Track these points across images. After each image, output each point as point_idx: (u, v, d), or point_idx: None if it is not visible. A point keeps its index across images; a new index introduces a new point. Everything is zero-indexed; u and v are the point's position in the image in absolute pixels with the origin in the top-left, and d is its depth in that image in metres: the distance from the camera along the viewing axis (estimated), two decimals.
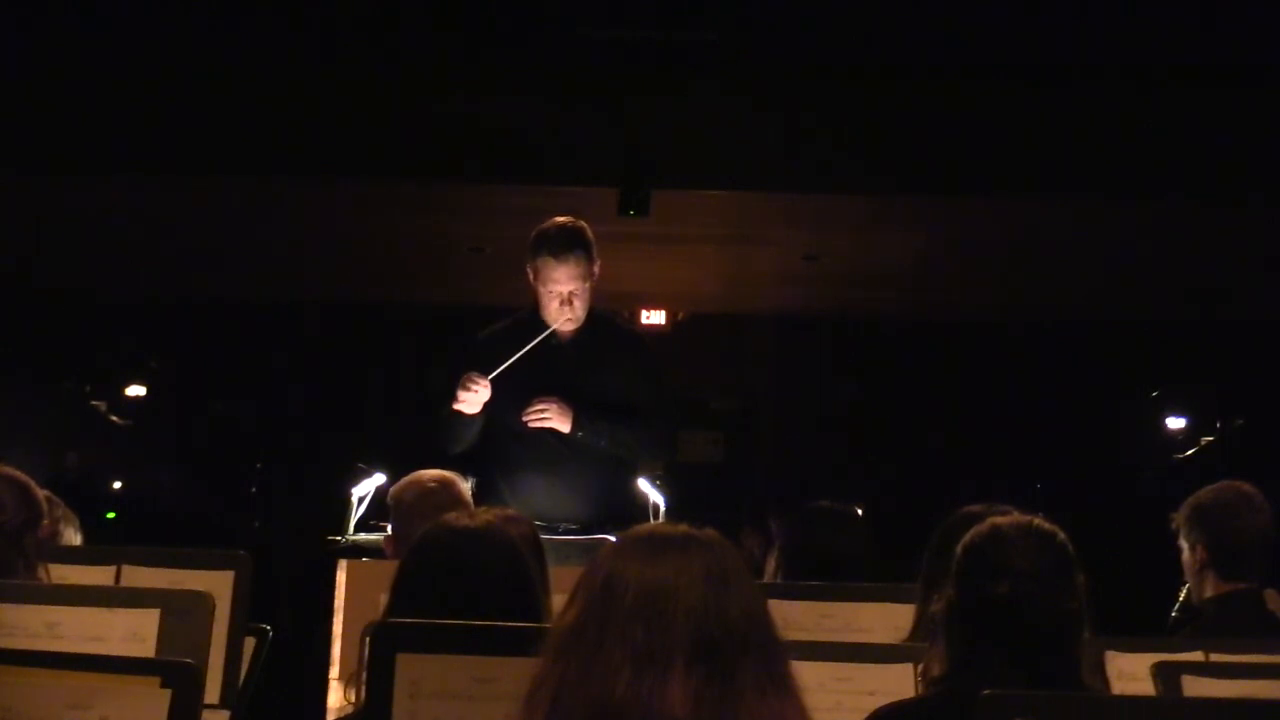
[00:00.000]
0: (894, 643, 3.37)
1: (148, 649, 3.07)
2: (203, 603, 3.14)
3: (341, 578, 4.01)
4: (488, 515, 3.04)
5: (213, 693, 3.18)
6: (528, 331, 5.06)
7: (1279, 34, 7.47)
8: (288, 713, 4.26)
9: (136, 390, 11.37)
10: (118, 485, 11.77)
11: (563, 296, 5.01)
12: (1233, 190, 7.97)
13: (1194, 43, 7.58)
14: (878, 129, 7.92)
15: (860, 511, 4.44)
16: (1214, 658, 3.19)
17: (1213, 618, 3.98)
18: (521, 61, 7.75)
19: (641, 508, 5.03)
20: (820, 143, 7.91)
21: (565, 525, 4.85)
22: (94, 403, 11.29)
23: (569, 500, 4.99)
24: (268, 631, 3.61)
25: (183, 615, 3.11)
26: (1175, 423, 10.69)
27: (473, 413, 4.99)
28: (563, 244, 5.00)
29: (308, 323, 11.12)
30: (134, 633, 3.10)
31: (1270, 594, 4.09)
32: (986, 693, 2.37)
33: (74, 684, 2.52)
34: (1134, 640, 3.30)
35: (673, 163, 7.85)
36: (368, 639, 2.68)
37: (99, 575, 3.51)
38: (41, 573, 3.39)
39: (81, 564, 3.58)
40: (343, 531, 5.06)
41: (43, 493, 3.53)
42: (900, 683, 3.06)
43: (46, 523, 3.54)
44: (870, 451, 11.34)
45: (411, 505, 4.19)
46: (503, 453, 5.07)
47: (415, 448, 5.18)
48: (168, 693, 2.50)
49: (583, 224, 5.09)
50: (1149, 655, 3.09)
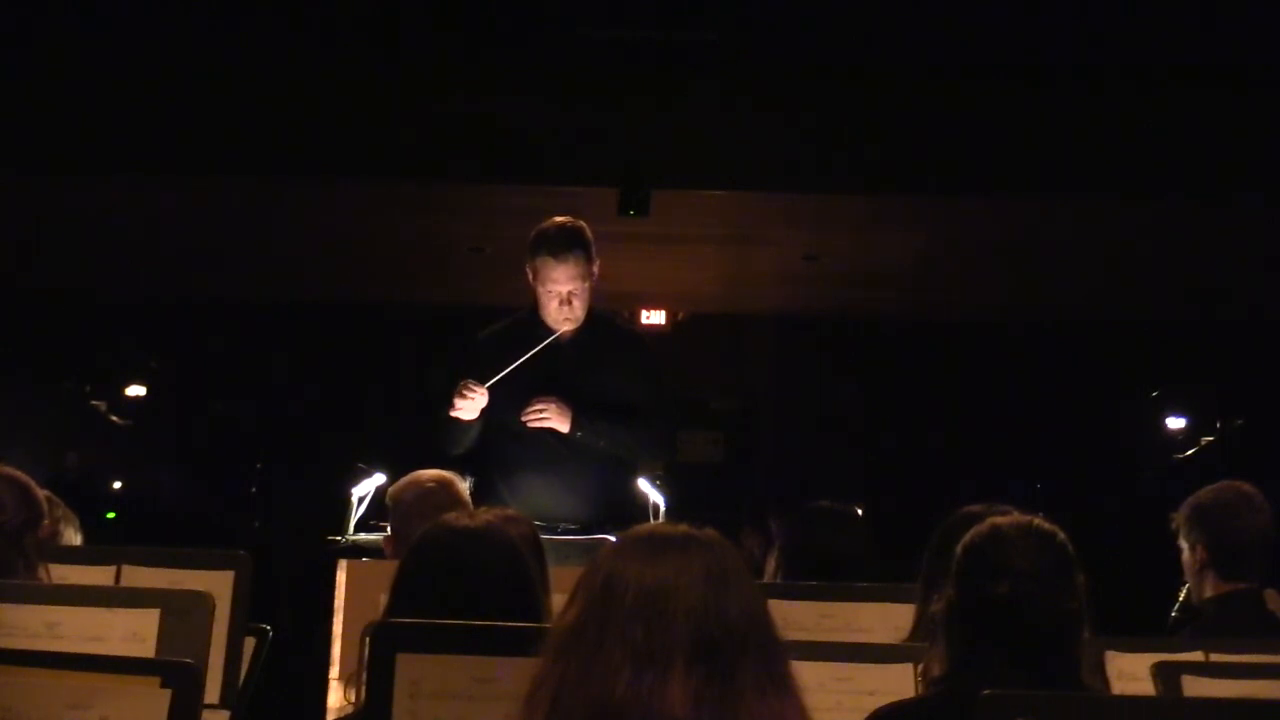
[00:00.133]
0: (894, 643, 3.37)
1: (148, 649, 3.07)
2: (203, 603, 3.14)
3: (341, 578, 4.02)
4: (488, 515, 3.04)
5: (213, 693, 3.18)
6: (527, 332, 5.06)
7: (1279, 34, 7.47)
8: (288, 713, 4.27)
9: (136, 390, 11.36)
10: (118, 485, 11.76)
11: (562, 296, 5.01)
12: (1233, 190, 7.97)
13: (1194, 43, 7.58)
14: (878, 129, 7.92)
15: (860, 511, 4.44)
16: (1214, 658, 3.19)
17: (1213, 618, 3.98)
18: (521, 61, 7.75)
19: (641, 508, 5.03)
20: (820, 143, 7.91)
21: (565, 525, 4.85)
22: (94, 403, 11.28)
23: (568, 500, 4.98)
24: (268, 631, 3.61)
25: (183, 615, 3.11)
26: (1175, 423, 10.69)
27: (470, 419, 4.99)
28: (562, 244, 5.00)
29: (308, 323, 11.11)
30: (134, 633, 3.10)
31: (1270, 594, 4.08)
32: (986, 693, 2.37)
33: (74, 684, 2.52)
34: (1134, 640, 3.30)
35: (673, 163, 7.85)
36: (368, 639, 2.68)
37: (99, 575, 3.51)
38: (41, 573, 3.39)
39: (81, 564, 3.58)
40: (343, 531, 5.05)
41: (43, 493, 3.53)
42: (900, 683, 3.06)
43: (47, 523, 3.54)
44: (870, 451, 11.34)
45: (411, 505, 4.19)
46: (502, 453, 5.07)
47: (415, 448, 5.18)
48: (168, 693, 2.50)
49: (582, 224, 5.09)
50: (1149, 655, 3.09)
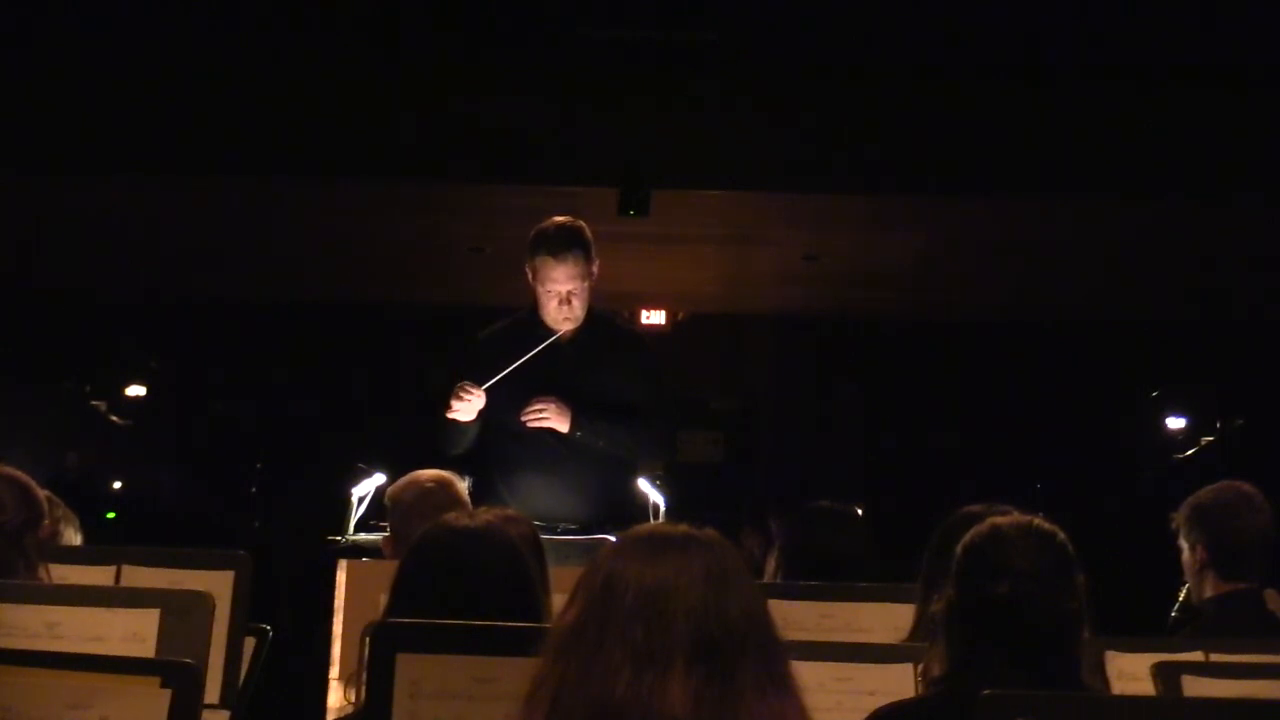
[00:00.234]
0: (894, 643, 3.37)
1: (148, 649, 3.07)
2: (203, 603, 3.14)
3: (341, 578, 4.02)
4: (488, 515, 3.04)
5: (213, 693, 3.18)
6: (527, 332, 5.06)
7: (1279, 34, 7.47)
8: (288, 713, 4.26)
9: (136, 390, 11.34)
10: (118, 485, 11.75)
11: (561, 296, 5.01)
12: (1233, 190, 7.97)
13: (1194, 43, 7.58)
14: (878, 129, 7.92)
15: (860, 511, 4.44)
16: (1214, 658, 3.19)
17: (1213, 618, 3.98)
18: (521, 61, 7.75)
19: (641, 508, 5.02)
20: (820, 143, 7.91)
21: (564, 525, 4.84)
22: (94, 403, 11.26)
23: (568, 500, 4.98)
24: (268, 631, 3.61)
25: (183, 615, 3.11)
26: (1175, 423, 10.67)
27: (467, 420, 4.99)
28: (561, 243, 5.00)
29: (308, 323, 11.10)
30: (134, 633, 3.10)
31: (1270, 594, 4.08)
32: (986, 693, 2.37)
33: (74, 684, 2.52)
34: (1134, 640, 3.30)
35: (673, 162, 7.85)
36: (368, 639, 2.68)
37: (99, 575, 3.51)
38: (42, 573, 3.39)
39: (81, 564, 3.58)
40: (343, 531, 5.05)
41: (43, 493, 3.53)
42: (900, 683, 3.06)
43: (47, 523, 3.55)
44: (870, 451, 11.34)
45: (410, 505, 4.19)
46: (501, 452, 5.07)
47: (415, 448, 5.18)
48: (168, 693, 2.50)
49: (581, 223, 5.09)
50: (1149, 655, 3.10)
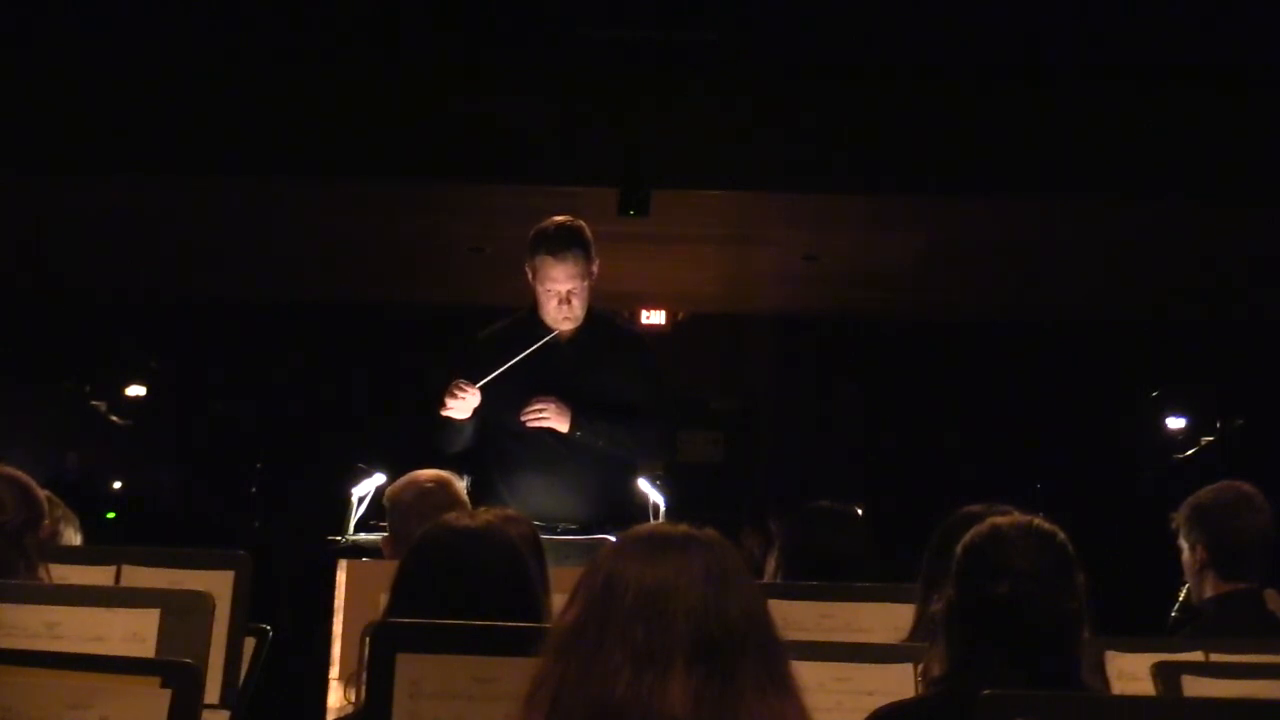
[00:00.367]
0: (894, 643, 3.37)
1: (148, 649, 3.08)
2: (203, 603, 3.14)
3: (341, 578, 4.01)
4: (488, 515, 3.04)
5: (213, 693, 3.18)
6: (527, 331, 5.06)
7: (1279, 34, 7.47)
8: (288, 713, 4.27)
9: (136, 390, 11.35)
10: (118, 485, 11.76)
11: (561, 295, 5.01)
12: (1233, 190, 7.96)
13: (1194, 43, 7.58)
14: (878, 129, 7.91)
15: (860, 511, 4.44)
16: (1214, 658, 3.19)
17: (1213, 618, 3.98)
18: (521, 61, 7.75)
19: (641, 508, 5.02)
20: (820, 143, 7.90)
21: (564, 525, 4.84)
22: (94, 403, 11.27)
23: (568, 500, 4.98)
24: (268, 631, 3.61)
25: (183, 615, 3.11)
26: (1175, 423, 10.67)
27: (462, 418, 4.99)
28: (560, 243, 5.00)
29: (308, 323, 11.10)
30: (134, 633, 3.10)
31: (1270, 594, 4.08)
32: (986, 693, 2.37)
33: (74, 684, 2.52)
34: (1134, 640, 3.30)
35: (673, 162, 7.85)
36: (368, 639, 2.68)
37: (99, 575, 3.51)
38: (42, 573, 3.39)
39: (81, 564, 3.58)
40: (343, 531, 5.05)
41: (43, 493, 3.53)
42: (900, 683, 3.06)
43: (47, 523, 3.55)
44: (870, 451, 11.33)
45: (409, 505, 4.19)
46: (501, 452, 5.07)
47: (415, 448, 5.18)
48: (168, 693, 2.50)
49: (581, 223, 5.08)
50: (1149, 655, 3.10)
